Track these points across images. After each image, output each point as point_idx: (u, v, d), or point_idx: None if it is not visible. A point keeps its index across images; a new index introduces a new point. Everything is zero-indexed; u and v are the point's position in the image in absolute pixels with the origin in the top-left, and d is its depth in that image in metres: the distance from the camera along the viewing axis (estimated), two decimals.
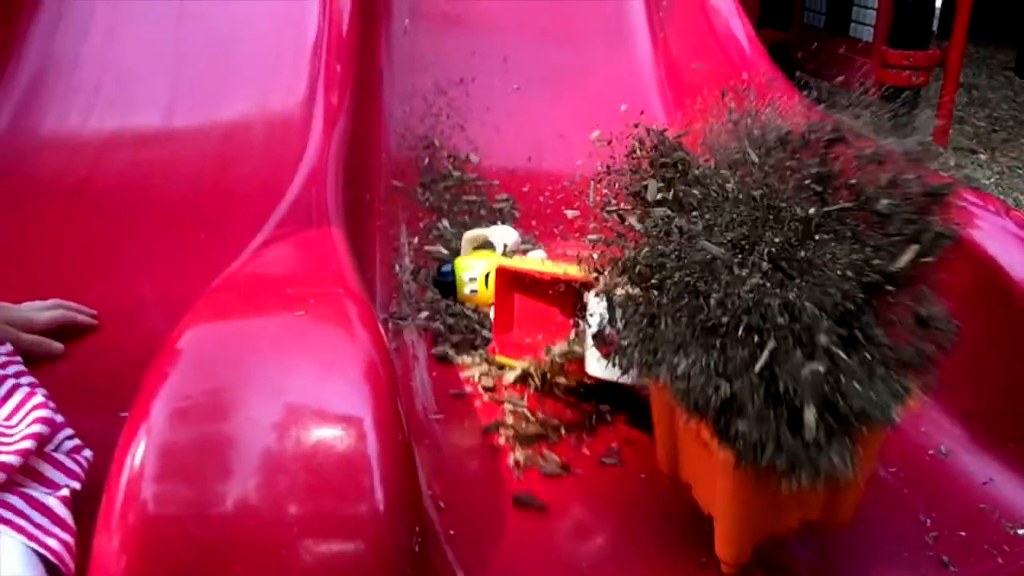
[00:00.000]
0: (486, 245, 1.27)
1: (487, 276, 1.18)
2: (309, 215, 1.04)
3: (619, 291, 0.88)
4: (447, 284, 1.21)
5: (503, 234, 1.24)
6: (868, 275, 0.77)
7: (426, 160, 1.66)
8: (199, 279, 1.27)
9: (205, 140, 1.62)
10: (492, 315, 1.16)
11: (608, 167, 0.93)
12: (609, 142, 0.94)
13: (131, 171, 1.54)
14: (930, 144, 0.86)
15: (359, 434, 0.73)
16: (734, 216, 0.80)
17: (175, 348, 0.77)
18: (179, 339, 0.78)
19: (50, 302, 1.11)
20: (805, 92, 1.48)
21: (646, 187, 0.87)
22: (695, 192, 0.84)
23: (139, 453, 0.71)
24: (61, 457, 0.81)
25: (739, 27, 1.55)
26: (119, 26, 1.78)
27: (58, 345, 1.07)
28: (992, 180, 3.70)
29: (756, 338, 0.75)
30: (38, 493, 0.76)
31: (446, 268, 1.22)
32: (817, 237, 0.78)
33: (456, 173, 1.64)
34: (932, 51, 3.98)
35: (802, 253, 0.77)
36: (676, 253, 0.81)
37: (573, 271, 1.03)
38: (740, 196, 0.82)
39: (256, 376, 0.75)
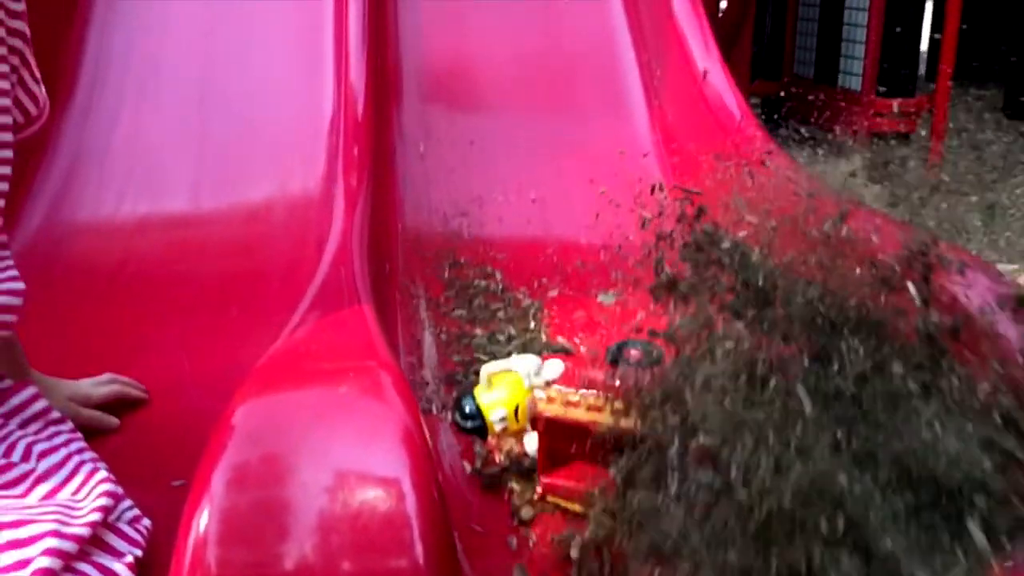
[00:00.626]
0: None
1: (516, 407, 1.13)
2: (340, 293, 1.13)
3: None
4: (477, 428, 1.13)
5: (527, 364, 1.18)
6: None
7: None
8: (233, 353, 1.37)
9: (230, 221, 1.72)
10: (532, 451, 1.10)
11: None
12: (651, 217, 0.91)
13: (163, 252, 1.64)
14: None
15: (399, 494, 0.81)
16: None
17: (230, 423, 0.85)
18: (233, 414, 0.86)
19: (104, 377, 1.19)
20: (799, 140, 1.56)
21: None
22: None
23: (203, 520, 0.79)
24: (124, 527, 0.89)
25: (730, 96, 1.66)
26: (146, 115, 1.90)
27: (114, 420, 1.15)
28: (981, 221, 3.80)
29: None
30: (106, 560, 0.83)
31: (469, 408, 1.14)
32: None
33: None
34: (919, 98, 4.12)
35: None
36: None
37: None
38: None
39: (304, 445, 0.83)
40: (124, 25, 1.94)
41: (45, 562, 0.75)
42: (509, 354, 1.36)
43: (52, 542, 0.77)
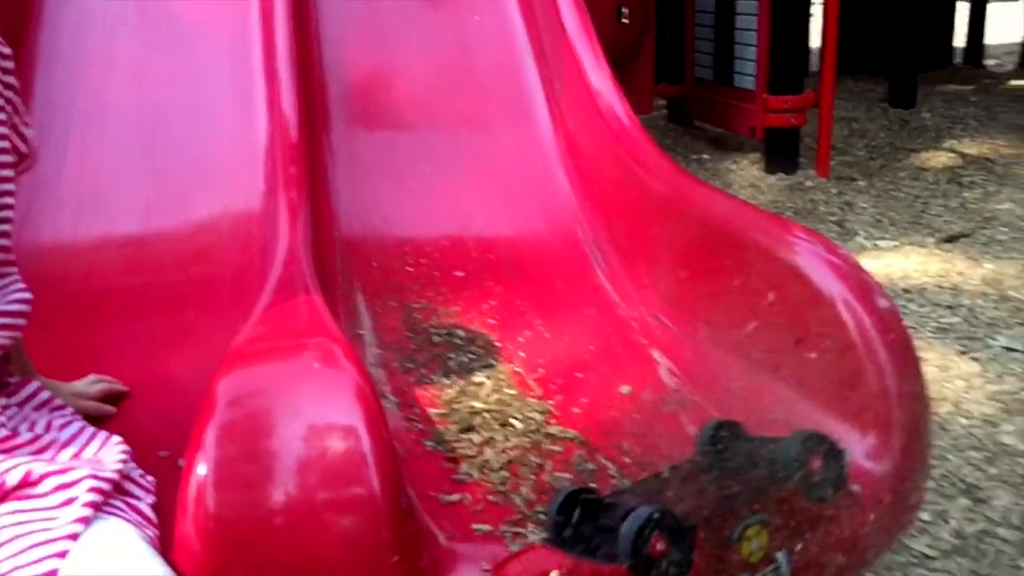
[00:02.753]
0: None
1: None
2: (293, 288, 1.34)
3: None
4: None
5: None
6: None
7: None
8: (194, 348, 1.57)
9: (180, 235, 1.90)
10: None
11: None
12: None
13: (122, 266, 1.82)
14: None
15: (357, 438, 1.03)
16: None
17: (215, 393, 1.06)
18: (217, 386, 1.07)
19: (91, 377, 1.38)
20: (702, 138, 1.79)
21: None
22: None
23: (201, 469, 1.00)
24: (137, 478, 1.09)
25: (619, 106, 1.91)
26: (92, 145, 2.06)
27: (111, 408, 1.34)
28: (870, 204, 4.16)
29: None
30: (132, 500, 1.04)
31: None
32: None
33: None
34: (807, 93, 4.47)
35: None
36: None
37: None
38: None
39: (279, 405, 1.04)
40: (68, 63, 2.11)
41: (90, 497, 0.95)
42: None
43: (92, 483, 0.97)
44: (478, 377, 1.53)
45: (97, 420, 1.28)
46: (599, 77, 1.96)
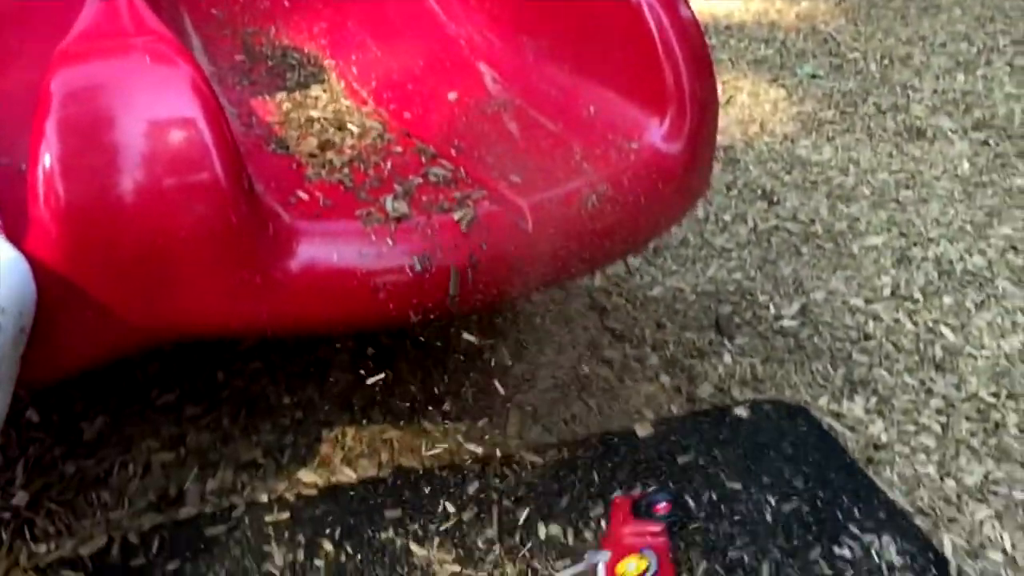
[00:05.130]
0: None
1: None
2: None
3: None
4: None
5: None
6: None
7: None
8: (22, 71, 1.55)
9: None
10: None
11: None
12: None
13: None
14: None
15: (197, 128, 1.10)
16: None
17: (49, 90, 1.09)
18: (50, 84, 1.10)
19: None
20: None
21: None
22: None
23: (46, 161, 1.06)
24: None
25: None
26: None
27: None
28: None
29: None
30: None
31: None
32: None
33: None
34: None
35: None
36: None
37: None
38: None
39: (117, 99, 1.09)
40: None
41: None
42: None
43: None
44: (314, 91, 1.60)
45: None
46: None
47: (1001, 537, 1.43)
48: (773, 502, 1.45)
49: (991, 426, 1.65)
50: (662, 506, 1.35)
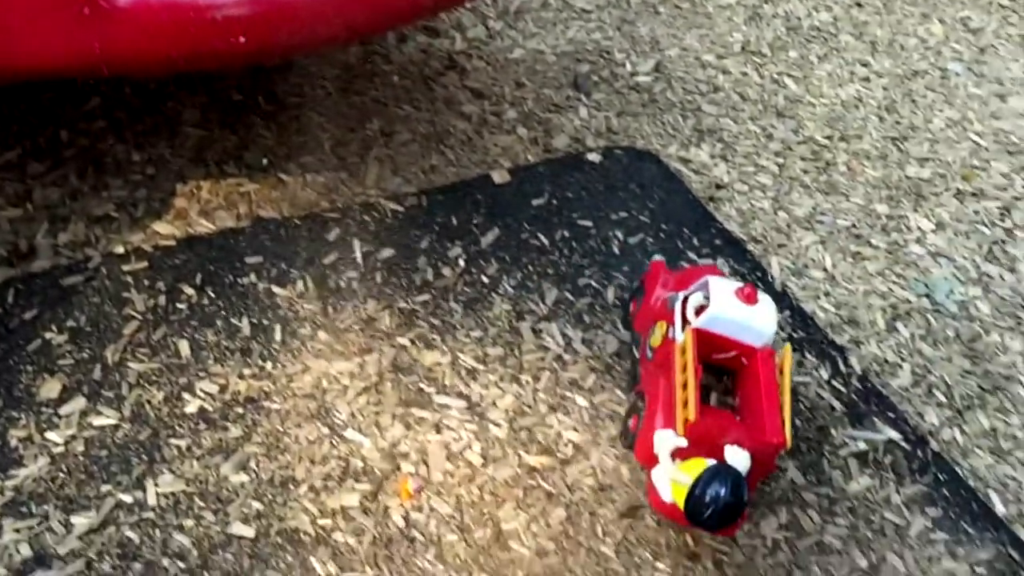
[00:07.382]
0: None
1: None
2: None
3: None
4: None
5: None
6: None
7: None
8: None
9: None
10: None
11: None
12: None
13: None
14: None
15: None
16: None
17: None
18: None
19: None
20: None
21: None
22: None
23: None
24: None
25: None
26: None
27: None
28: None
29: None
30: None
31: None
32: None
33: None
34: None
35: None
36: None
37: None
38: None
39: None
40: None
41: None
42: None
43: None
44: None
45: None
46: None
47: (823, 258, 1.57)
48: (621, 236, 1.54)
49: (822, 164, 1.77)
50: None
